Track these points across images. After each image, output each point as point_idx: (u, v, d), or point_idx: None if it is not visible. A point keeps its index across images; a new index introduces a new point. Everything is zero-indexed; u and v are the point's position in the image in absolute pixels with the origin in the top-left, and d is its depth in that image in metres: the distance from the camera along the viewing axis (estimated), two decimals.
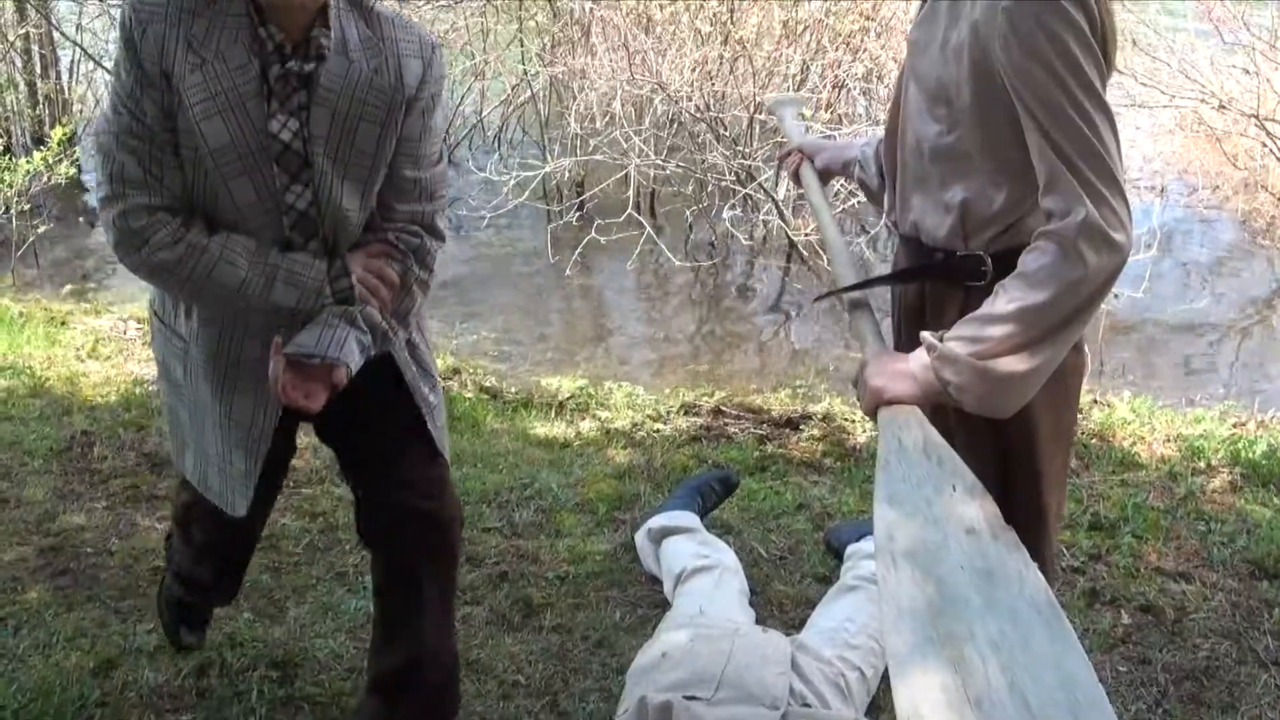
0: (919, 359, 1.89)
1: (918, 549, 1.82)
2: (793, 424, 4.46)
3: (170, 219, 2.11)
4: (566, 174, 8.55)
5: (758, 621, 2.95)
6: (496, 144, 9.85)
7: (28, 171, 7.41)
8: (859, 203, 7.66)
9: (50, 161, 7.46)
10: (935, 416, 1.96)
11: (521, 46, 9.47)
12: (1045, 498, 2.01)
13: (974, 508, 1.83)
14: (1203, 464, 4.02)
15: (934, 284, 2.05)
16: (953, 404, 1.88)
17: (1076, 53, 1.75)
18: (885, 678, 2.82)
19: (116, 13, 9.48)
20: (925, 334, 1.89)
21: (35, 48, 10.01)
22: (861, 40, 7.98)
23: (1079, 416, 4.19)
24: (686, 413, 4.62)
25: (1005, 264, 1.87)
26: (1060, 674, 1.71)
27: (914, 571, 1.82)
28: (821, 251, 7.34)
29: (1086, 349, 2.07)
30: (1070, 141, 1.75)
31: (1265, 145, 8.33)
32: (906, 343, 2.08)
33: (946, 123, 1.92)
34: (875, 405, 1.95)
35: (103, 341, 5.66)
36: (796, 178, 2.56)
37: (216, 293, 2.15)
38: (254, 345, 2.24)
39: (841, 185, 7.45)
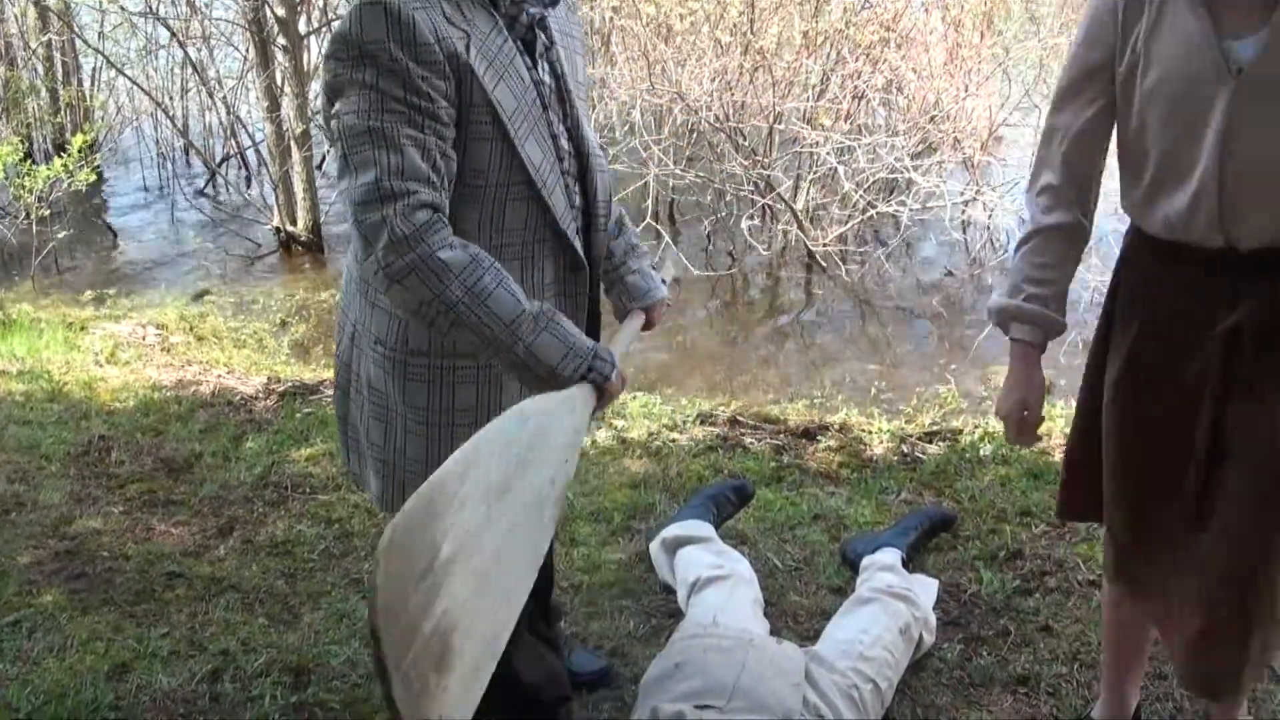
0: None
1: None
2: (809, 434, 4.44)
3: (446, 223, 1.98)
4: None
5: (772, 633, 2.94)
6: None
7: (48, 177, 7.47)
8: (876, 213, 7.67)
9: (71, 168, 7.53)
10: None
11: None
12: None
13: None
14: None
15: None
16: None
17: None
18: (899, 690, 2.82)
19: (139, 21, 9.70)
20: None
21: (57, 55, 10.10)
22: (881, 51, 7.97)
23: None
24: (703, 422, 4.60)
25: None
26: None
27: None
28: (841, 261, 7.34)
29: None
30: None
31: None
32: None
33: None
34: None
35: (121, 347, 5.68)
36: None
37: (482, 319, 1.98)
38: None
39: (862, 199, 7.44)
